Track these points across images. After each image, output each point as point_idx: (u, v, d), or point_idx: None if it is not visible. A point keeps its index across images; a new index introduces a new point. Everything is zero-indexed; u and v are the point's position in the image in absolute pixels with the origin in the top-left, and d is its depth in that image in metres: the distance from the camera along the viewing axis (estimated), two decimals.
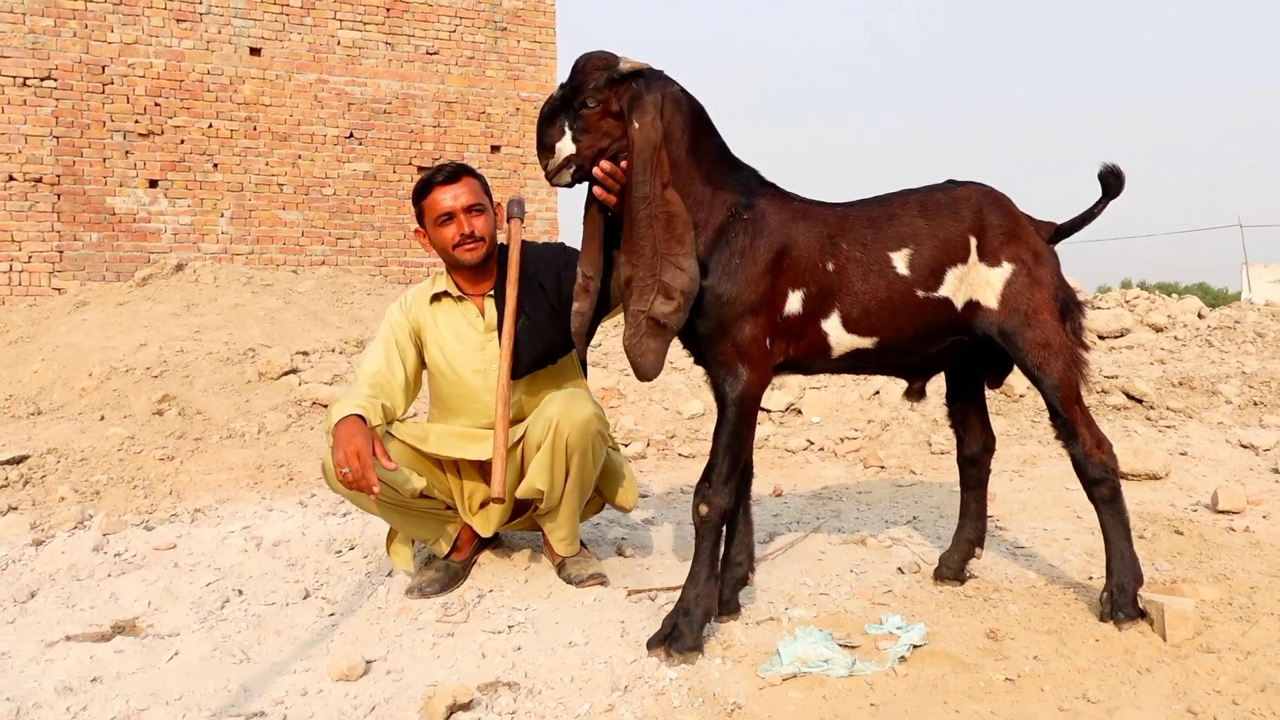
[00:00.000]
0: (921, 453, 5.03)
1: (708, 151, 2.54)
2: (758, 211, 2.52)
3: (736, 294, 2.46)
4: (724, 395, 2.50)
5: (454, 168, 3.02)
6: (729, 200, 2.52)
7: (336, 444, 2.60)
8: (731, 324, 2.48)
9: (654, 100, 2.41)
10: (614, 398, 5.90)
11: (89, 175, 9.86)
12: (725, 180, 2.54)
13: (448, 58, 11.52)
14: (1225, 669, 2.29)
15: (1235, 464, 4.63)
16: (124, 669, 2.46)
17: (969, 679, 2.28)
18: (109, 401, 5.52)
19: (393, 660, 2.50)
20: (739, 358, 2.49)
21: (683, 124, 2.48)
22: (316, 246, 10.83)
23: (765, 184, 2.62)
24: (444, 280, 3.12)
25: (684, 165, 2.47)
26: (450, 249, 3.00)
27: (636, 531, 3.67)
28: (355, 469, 2.55)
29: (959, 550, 2.99)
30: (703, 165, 2.51)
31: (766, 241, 2.49)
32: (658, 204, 2.40)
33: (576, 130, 2.44)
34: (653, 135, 2.39)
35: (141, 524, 3.77)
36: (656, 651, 2.44)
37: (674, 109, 2.46)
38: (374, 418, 2.75)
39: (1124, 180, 2.65)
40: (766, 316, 2.51)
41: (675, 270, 2.40)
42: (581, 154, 2.45)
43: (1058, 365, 2.60)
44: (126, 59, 10.01)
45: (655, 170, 2.39)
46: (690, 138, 2.49)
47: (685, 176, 2.47)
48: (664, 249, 2.40)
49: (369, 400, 2.79)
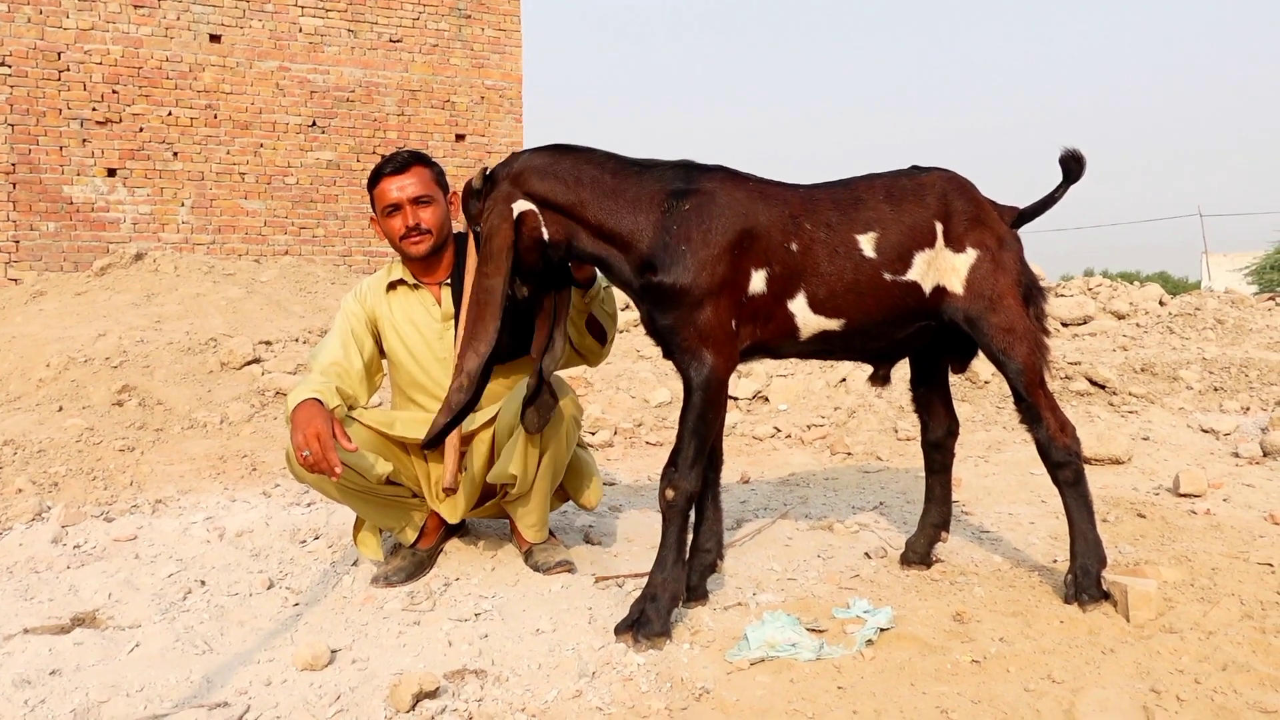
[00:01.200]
0: (888, 439, 5.06)
1: (601, 174, 2.58)
2: (703, 196, 2.51)
3: (690, 280, 2.45)
4: (689, 380, 2.49)
5: (404, 158, 2.99)
6: (658, 196, 2.53)
7: (295, 427, 2.57)
8: (691, 309, 2.46)
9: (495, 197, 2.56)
10: (581, 386, 5.88)
11: (45, 164, 9.68)
12: (640, 182, 2.56)
13: (411, 45, 11.41)
14: (1188, 649, 2.32)
15: (1196, 448, 4.69)
16: (84, 661, 2.42)
17: (935, 661, 2.29)
18: (67, 392, 5.43)
19: (358, 649, 2.48)
20: (702, 342, 2.47)
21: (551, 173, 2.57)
22: (279, 236, 10.71)
23: (706, 168, 2.61)
24: (399, 268, 3.09)
25: (590, 201, 2.54)
26: (397, 240, 2.98)
27: (604, 519, 3.66)
28: (316, 451, 2.51)
29: (925, 534, 3.00)
30: (605, 188, 2.56)
31: (719, 223, 2.48)
32: (482, 291, 2.56)
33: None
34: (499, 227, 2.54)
35: (101, 515, 3.71)
36: (624, 637, 2.43)
37: (536, 177, 2.56)
38: (331, 400, 2.72)
39: (1084, 164, 2.66)
40: (729, 298, 2.50)
41: (472, 354, 2.54)
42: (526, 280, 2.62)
43: (1022, 350, 2.61)
44: (83, 45, 9.83)
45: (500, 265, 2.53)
46: (575, 181, 2.56)
47: (598, 208, 2.54)
48: (472, 333, 2.55)
49: (326, 384, 2.76)
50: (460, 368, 2.53)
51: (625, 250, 2.54)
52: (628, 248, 2.53)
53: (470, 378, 2.51)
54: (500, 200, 2.54)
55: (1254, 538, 3.20)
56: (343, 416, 2.81)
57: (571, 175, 2.56)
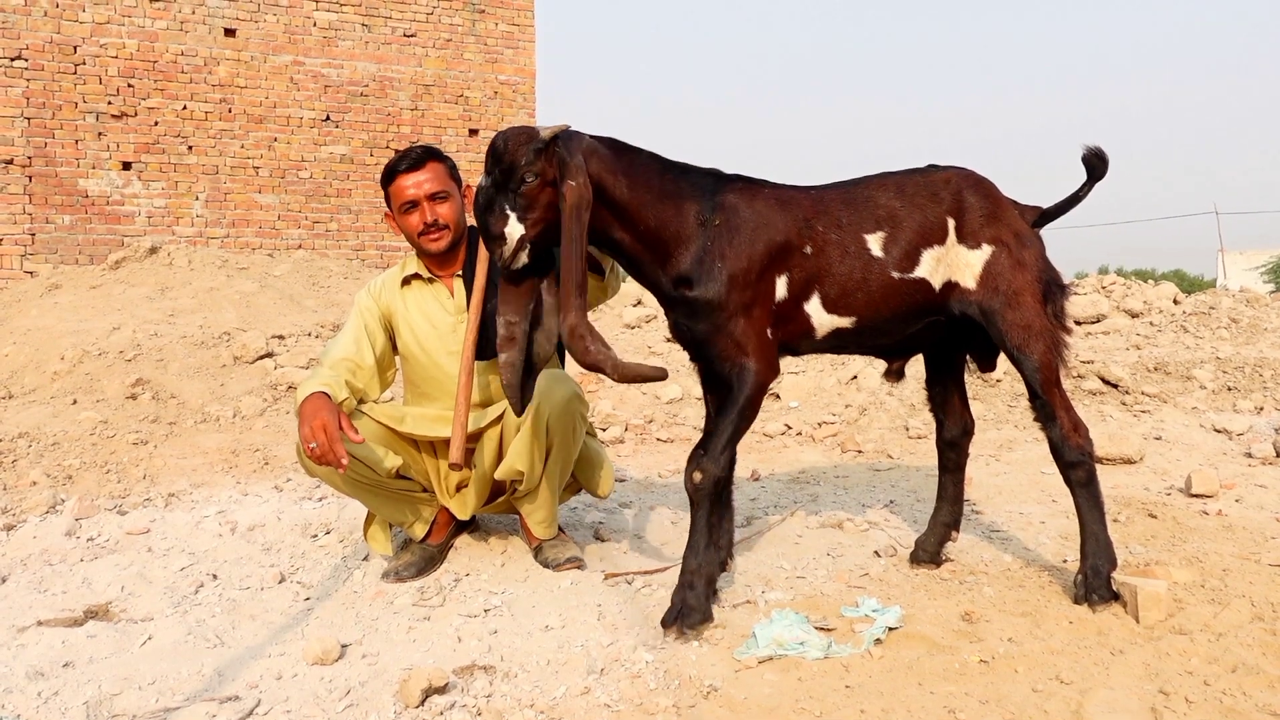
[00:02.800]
0: (899, 437, 5.05)
1: (647, 174, 2.54)
2: (728, 210, 2.54)
3: (725, 294, 2.49)
4: (737, 387, 2.53)
5: (419, 153, 3.00)
6: (692, 209, 2.53)
7: (302, 420, 2.58)
8: (727, 322, 2.51)
9: (578, 165, 2.41)
10: (592, 382, 5.89)
11: (61, 157, 9.73)
12: (680, 190, 2.55)
13: (425, 40, 11.42)
14: (1197, 650, 2.31)
15: (1209, 448, 4.67)
16: (96, 653, 2.44)
17: (944, 661, 2.29)
18: (81, 385, 5.46)
19: (368, 644, 2.49)
20: (741, 351, 2.52)
21: (611, 167, 2.49)
22: (293, 230, 10.74)
23: (727, 179, 2.63)
24: (414, 263, 3.10)
25: (632, 198, 2.49)
26: (415, 237, 3.00)
27: (614, 515, 3.66)
28: (322, 443, 2.53)
29: (935, 533, 3.00)
30: (650, 188, 2.52)
31: (744, 238, 2.52)
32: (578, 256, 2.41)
33: (521, 210, 2.40)
34: (584, 192, 2.39)
35: (114, 508, 3.73)
36: (670, 631, 2.46)
37: (596, 159, 2.47)
38: (340, 393, 2.74)
39: (1108, 162, 2.65)
40: (762, 308, 2.54)
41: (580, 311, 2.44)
42: (532, 231, 2.43)
43: (1039, 347, 2.61)
44: (99, 39, 9.87)
45: (586, 224, 2.39)
46: (624, 173, 2.50)
47: (639, 205, 2.50)
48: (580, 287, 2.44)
49: (336, 378, 2.78)
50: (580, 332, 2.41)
51: (663, 261, 2.54)
52: (665, 258, 2.53)
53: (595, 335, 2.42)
54: (577, 170, 2.43)
55: (1266, 539, 3.19)
56: (352, 410, 2.83)
57: (628, 175, 2.51)
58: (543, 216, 2.42)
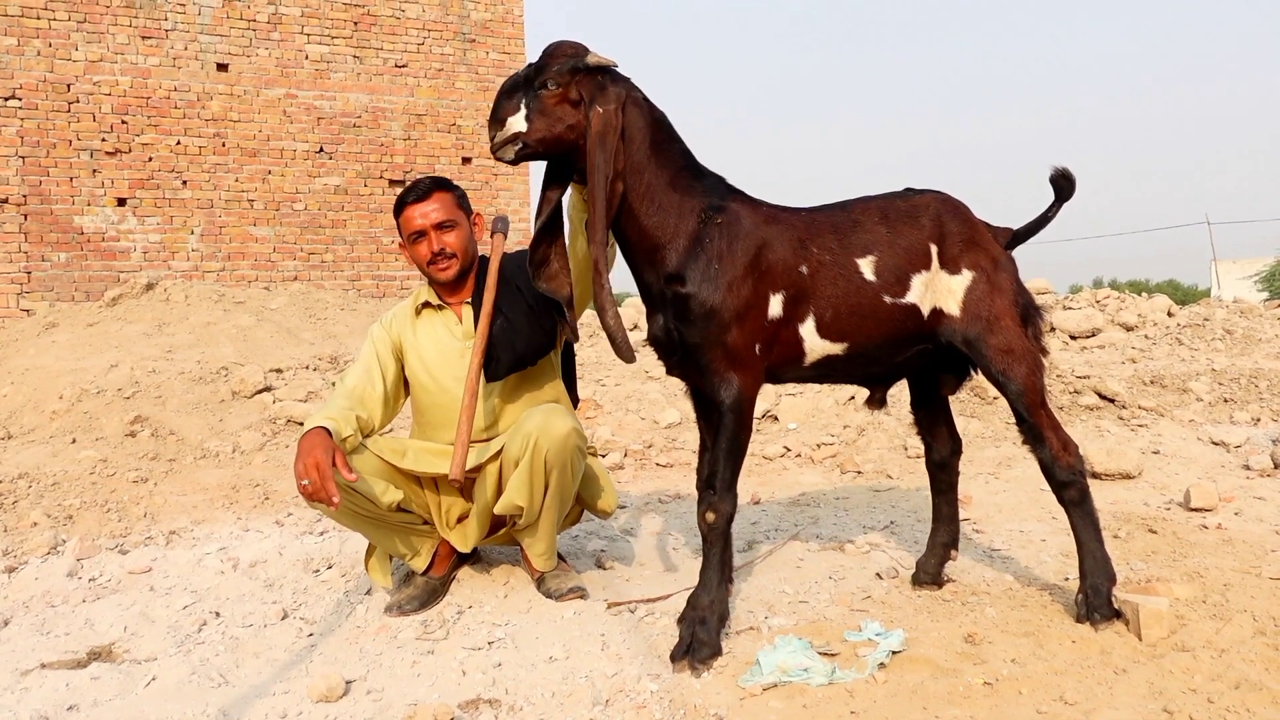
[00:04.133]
0: (898, 457, 5.06)
1: (671, 158, 2.54)
2: (731, 215, 2.52)
3: (721, 300, 2.46)
4: (720, 404, 2.51)
5: (426, 185, 3.04)
6: (698, 205, 2.52)
7: (298, 456, 2.59)
8: (719, 332, 2.47)
9: (617, 94, 2.43)
10: (591, 408, 5.90)
11: (56, 195, 9.76)
12: (692, 186, 2.54)
13: (417, 70, 11.49)
14: (1200, 667, 2.32)
15: (1207, 461, 4.68)
16: (101, 696, 2.43)
17: (948, 684, 2.29)
18: (80, 424, 5.46)
19: (373, 680, 2.49)
20: (730, 365, 2.49)
21: (643, 127, 2.48)
22: (289, 262, 10.77)
23: (733, 189, 2.63)
24: (426, 291, 3.14)
25: (646, 171, 2.48)
26: (424, 265, 3.03)
27: (615, 543, 3.67)
28: (314, 480, 2.53)
29: (935, 554, 3.01)
30: (666, 170, 2.51)
31: (744, 245, 2.50)
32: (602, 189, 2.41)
33: (531, 110, 2.43)
34: (614, 121, 2.40)
35: (116, 548, 3.73)
36: (680, 666, 2.44)
37: (636, 111, 2.47)
38: (345, 429, 2.75)
39: (1074, 182, 2.70)
40: (754, 321, 2.51)
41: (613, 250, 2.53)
42: (531, 134, 2.45)
43: (1021, 370, 2.62)
44: (92, 76, 9.93)
45: (613, 153, 2.40)
46: (651, 143, 2.49)
47: (649, 183, 2.48)
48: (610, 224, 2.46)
49: (342, 412, 2.80)
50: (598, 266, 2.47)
51: (655, 251, 2.52)
52: (660, 249, 2.51)
53: None
54: (616, 102, 2.43)
55: (1266, 552, 3.20)
56: (355, 446, 2.83)
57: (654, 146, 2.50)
58: (547, 128, 2.44)
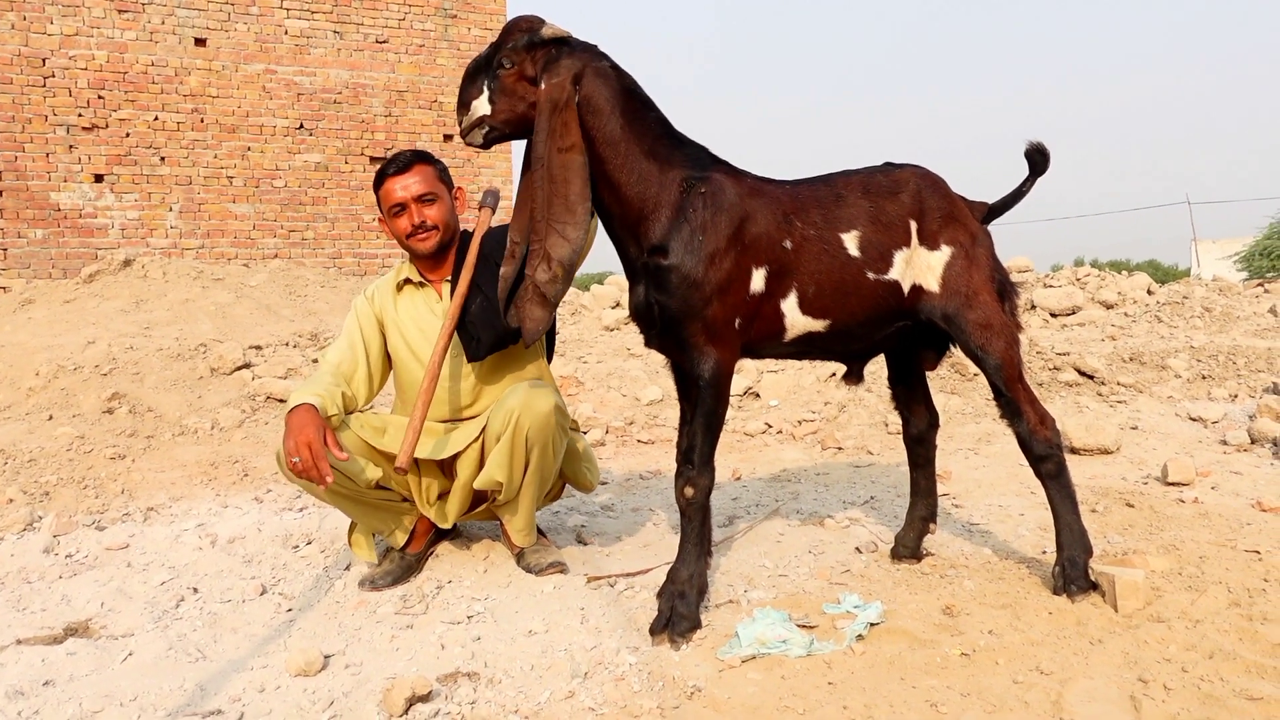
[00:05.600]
0: (878, 433, 5.07)
1: (647, 126, 2.49)
2: (715, 185, 2.48)
3: (703, 272, 2.42)
4: (698, 377, 2.49)
5: (407, 157, 3.01)
6: (680, 175, 2.47)
7: (288, 433, 2.58)
8: (701, 304, 2.44)
9: (569, 66, 2.38)
10: (573, 385, 5.89)
11: (32, 170, 9.65)
12: (672, 155, 2.49)
13: (398, 46, 11.40)
14: (1175, 637, 2.34)
15: (1185, 437, 4.72)
16: (77, 671, 2.42)
17: (925, 655, 2.31)
18: (57, 401, 5.42)
19: (351, 654, 2.48)
20: (709, 339, 2.47)
21: (610, 97, 2.42)
22: (269, 239, 10.69)
23: (716, 159, 2.59)
24: (408, 268, 3.12)
25: (621, 141, 2.43)
26: (404, 238, 3.00)
27: (596, 519, 3.67)
28: (306, 458, 2.52)
29: (913, 528, 3.02)
30: (644, 140, 2.46)
31: (728, 216, 2.46)
32: (555, 167, 2.36)
33: (493, 91, 2.40)
34: (556, 96, 2.35)
35: (93, 524, 3.71)
36: (659, 639, 2.44)
37: (599, 81, 2.41)
38: (331, 406, 2.74)
39: (1049, 156, 2.70)
40: (735, 295, 2.48)
41: (559, 239, 2.38)
42: (495, 115, 2.42)
43: (999, 345, 2.63)
44: (68, 51, 9.81)
45: (552, 132, 2.35)
46: (623, 112, 2.44)
47: (625, 153, 2.44)
48: (551, 215, 2.37)
49: (328, 389, 2.78)
50: (548, 255, 2.38)
51: (638, 223, 2.47)
52: (642, 220, 2.47)
53: (564, 266, 2.38)
54: (567, 73, 2.38)
55: (1241, 525, 3.22)
56: (339, 425, 2.82)
57: (625, 115, 2.44)
58: (510, 108, 2.42)
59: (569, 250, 2.38)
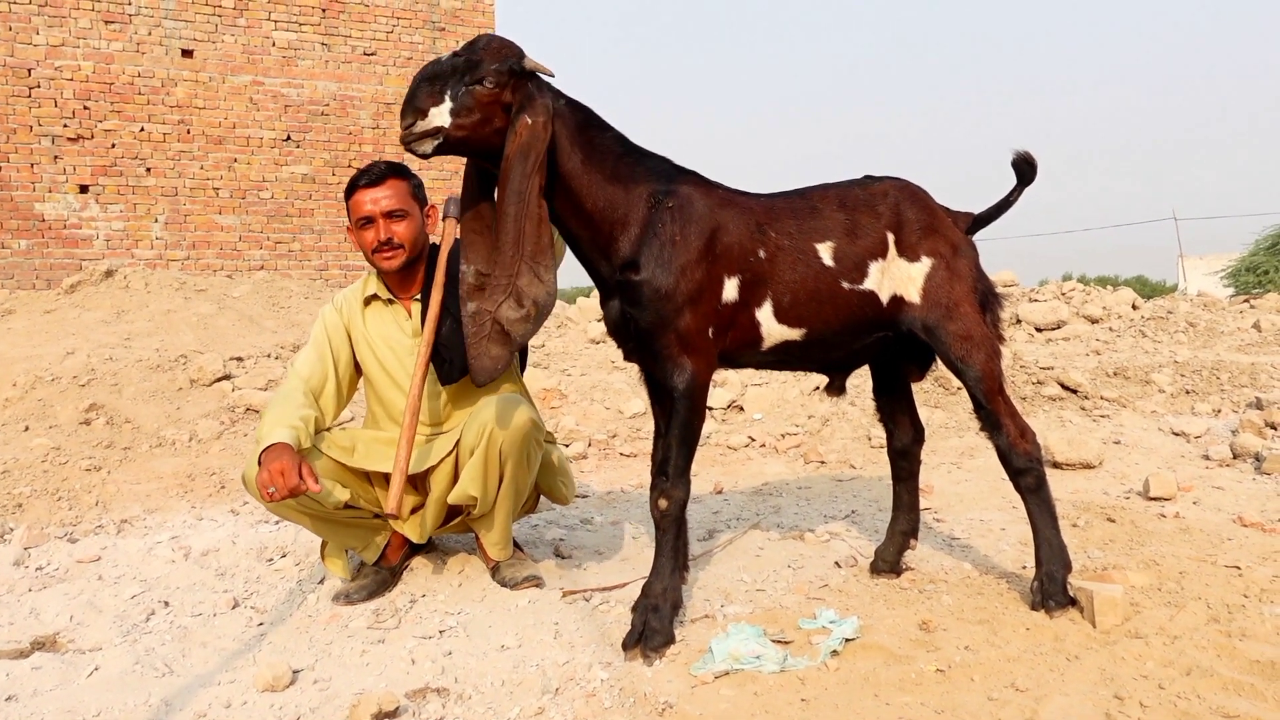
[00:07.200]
0: (861, 447, 5.05)
1: (607, 150, 2.49)
2: (682, 197, 2.48)
3: (674, 284, 2.42)
4: (673, 389, 2.48)
5: (380, 170, 2.97)
6: (646, 191, 2.47)
7: (263, 466, 2.55)
8: (673, 315, 2.44)
9: (544, 107, 2.36)
10: (556, 398, 5.86)
11: (16, 181, 9.60)
12: (635, 173, 2.49)
13: (385, 58, 11.38)
14: (1152, 654, 2.31)
15: (1167, 451, 4.71)
16: (41, 686, 2.38)
17: (900, 671, 2.28)
18: (34, 411, 5.36)
19: (321, 669, 2.45)
20: (683, 349, 2.46)
21: (571, 135, 2.43)
22: (255, 251, 10.64)
23: (683, 171, 2.59)
24: (374, 282, 3.07)
25: (583, 174, 2.43)
26: (369, 253, 2.96)
27: (574, 532, 3.63)
28: (280, 486, 2.49)
29: (894, 542, 3.00)
30: (605, 166, 2.46)
31: (697, 227, 2.46)
32: (533, 204, 2.33)
33: (460, 104, 2.30)
34: (542, 135, 2.33)
35: (65, 536, 3.66)
36: (632, 654, 2.41)
37: (561, 123, 2.41)
38: (305, 440, 2.71)
39: (1036, 167, 2.68)
40: (707, 305, 2.48)
41: (534, 279, 2.35)
42: (455, 129, 2.31)
43: (980, 357, 2.61)
44: (53, 61, 9.76)
45: (534, 170, 2.32)
46: (584, 145, 2.45)
47: (589, 183, 2.44)
48: (528, 252, 2.34)
49: (300, 419, 2.73)
50: (521, 292, 2.35)
51: (608, 243, 2.47)
52: (611, 241, 2.47)
53: (538, 307, 2.35)
54: (545, 114, 2.35)
55: (1222, 540, 3.21)
56: (309, 448, 2.78)
57: (585, 148, 2.44)
58: (475, 127, 2.32)
59: (544, 291, 2.36)
